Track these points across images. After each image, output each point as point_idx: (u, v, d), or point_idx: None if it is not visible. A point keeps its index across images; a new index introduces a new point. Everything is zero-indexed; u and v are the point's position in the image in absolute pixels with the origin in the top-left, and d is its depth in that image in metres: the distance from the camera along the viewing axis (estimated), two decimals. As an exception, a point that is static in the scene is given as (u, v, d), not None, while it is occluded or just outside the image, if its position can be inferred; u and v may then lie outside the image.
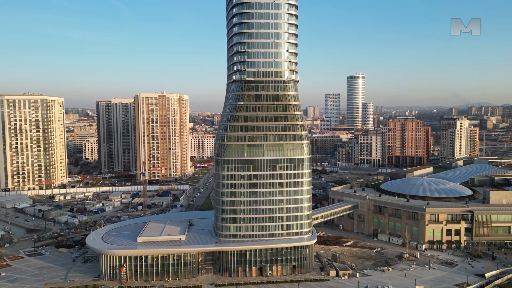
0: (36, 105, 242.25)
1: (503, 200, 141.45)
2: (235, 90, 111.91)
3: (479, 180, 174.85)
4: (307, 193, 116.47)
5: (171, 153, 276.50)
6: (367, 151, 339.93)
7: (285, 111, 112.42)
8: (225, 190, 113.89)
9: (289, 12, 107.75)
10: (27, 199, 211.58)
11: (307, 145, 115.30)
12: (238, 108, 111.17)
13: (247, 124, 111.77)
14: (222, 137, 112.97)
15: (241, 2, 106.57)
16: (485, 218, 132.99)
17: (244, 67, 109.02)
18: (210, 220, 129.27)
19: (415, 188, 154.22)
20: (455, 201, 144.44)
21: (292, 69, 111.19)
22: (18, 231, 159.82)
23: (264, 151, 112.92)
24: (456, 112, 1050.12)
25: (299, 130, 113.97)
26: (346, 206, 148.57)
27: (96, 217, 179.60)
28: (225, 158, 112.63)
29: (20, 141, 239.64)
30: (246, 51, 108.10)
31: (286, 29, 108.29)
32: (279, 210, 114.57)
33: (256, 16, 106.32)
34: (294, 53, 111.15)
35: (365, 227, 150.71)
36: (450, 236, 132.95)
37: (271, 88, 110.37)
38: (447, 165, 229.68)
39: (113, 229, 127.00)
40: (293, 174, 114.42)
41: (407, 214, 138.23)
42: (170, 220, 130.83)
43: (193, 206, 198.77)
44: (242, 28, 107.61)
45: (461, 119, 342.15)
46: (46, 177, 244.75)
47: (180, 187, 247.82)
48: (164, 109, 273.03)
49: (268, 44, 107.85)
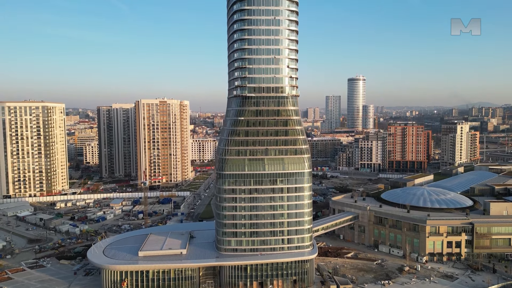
0: (37, 111, 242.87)
1: (504, 211, 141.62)
2: (236, 105, 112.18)
3: (479, 189, 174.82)
4: (308, 206, 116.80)
5: (172, 159, 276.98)
6: (368, 155, 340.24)
7: (286, 126, 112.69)
8: (226, 204, 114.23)
9: (289, 28, 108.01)
10: (28, 206, 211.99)
11: (308, 159, 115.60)
12: (239, 123, 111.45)
13: (248, 139, 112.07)
14: (223, 152, 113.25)
15: (242, 19, 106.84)
16: (486, 230, 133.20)
17: (245, 82, 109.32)
18: (211, 232, 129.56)
19: (415, 198, 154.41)
20: (456, 212, 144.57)
21: (292, 85, 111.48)
22: (20, 241, 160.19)
23: (265, 165, 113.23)
24: (457, 113, 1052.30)
25: (300, 144, 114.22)
26: (347, 217, 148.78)
27: (97, 226, 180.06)
28: (226, 172, 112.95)
29: (21, 147, 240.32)
30: (246, 67, 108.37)
31: (287, 45, 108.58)
32: (280, 224, 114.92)
33: (257, 32, 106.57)
34: (295, 68, 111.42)
35: (366, 238, 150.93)
36: (450, 248, 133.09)
37: (272, 103, 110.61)
38: (447, 172, 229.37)
39: (114, 242, 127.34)
40: (293, 188, 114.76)
41: (408, 225, 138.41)
42: (171, 233, 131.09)
43: (194, 214, 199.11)
44: (243, 44, 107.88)
45: (461, 123, 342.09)
46: (47, 184, 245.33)
47: (180, 193, 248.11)
48: (165, 115, 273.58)
49: (269, 60, 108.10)
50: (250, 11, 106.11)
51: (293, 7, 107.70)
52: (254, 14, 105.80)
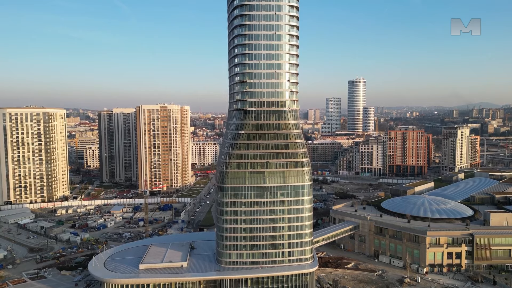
0: (38, 117, 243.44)
1: (504, 222, 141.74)
2: (237, 119, 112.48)
3: (479, 198, 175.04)
4: (308, 219, 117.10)
5: (172, 164, 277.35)
6: (368, 160, 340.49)
7: (286, 139, 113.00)
8: (227, 217, 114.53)
9: (290, 43, 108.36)
10: (29, 213, 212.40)
11: (308, 171, 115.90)
12: (240, 136, 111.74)
13: (249, 152, 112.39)
14: (223, 165, 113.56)
15: (243, 34, 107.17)
16: (486, 241, 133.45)
17: (246, 97, 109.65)
18: (211, 243, 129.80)
19: (416, 208, 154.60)
20: (456, 223, 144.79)
21: (293, 99, 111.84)
22: (21, 250, 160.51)
23: (266, 178, 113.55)
24: (457, 114, 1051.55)
25: (300, 157, 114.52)
26: (347, 227, 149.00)
27: (98, 234, 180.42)
28: (227, 185, 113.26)
29: (22, 154, 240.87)
30: (247, 81, 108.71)
31: (288, 59, 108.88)
32: (281, 237, 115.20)
33: (258, 47, 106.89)
34: (295, 82, 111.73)
35: (366, 248, 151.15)
36: (451, 259, 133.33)
37: (272, 117, 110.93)
38: (448, 179, 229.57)
39: (115, 253, 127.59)
40: (294, 201, 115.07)
41: (408, 236, 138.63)
42: (171, 244, 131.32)
43: (194, 222, 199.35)
44: (243, 58, 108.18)
45: (461, 127, 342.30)
46: (48, 190, 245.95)
47: (181, 199, 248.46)
48: (166, 120, 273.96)
49: (270, 74, 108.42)
50: (251, 26, 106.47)
51: (293, 22, 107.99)
52: (255, 29, 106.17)
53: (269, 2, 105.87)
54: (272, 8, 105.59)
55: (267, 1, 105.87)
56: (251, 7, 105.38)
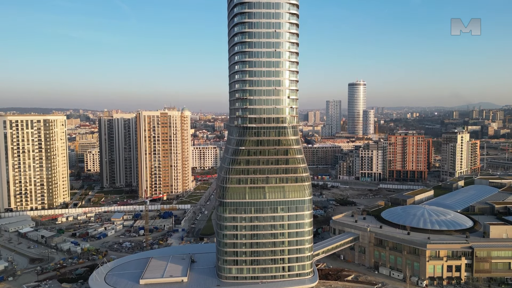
0: (38, 125, 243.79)
1: (503, 234, 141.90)
2: (237, 134, 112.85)
3: (479, 208, 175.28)
4: (308, 234, 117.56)
5: (173, 170, 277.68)
6: (368, 165, 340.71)
7: (286, 155, 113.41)
8: (227, 232, 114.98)
9: (290, 60, 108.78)
10: (30, 221, 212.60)
11: (308, 186, 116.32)
12: (240, 152, 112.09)
13: (249, 168, 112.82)
14: (224, 180, 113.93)
15: (243, 51, 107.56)
16: (485, 253, 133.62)
17: (246, 113, 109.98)
18: (212, 256, 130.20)
19: (416, 219, 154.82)
20: (456, 235, 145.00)
21: (293, 115, 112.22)
22: (22, 261, 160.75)
23: (266, 193, 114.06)
24: (457, 115, 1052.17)
25: (301, 172, 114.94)
26: (347, 239, 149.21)
27: (98, 243, 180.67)
28: (227, 200, 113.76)
29: (23, 161, 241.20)
30: (247, 98, 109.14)
31: (288, 76, 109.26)
32: (281, 252, 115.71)
33: (258, 64, 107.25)
34: (295, 98, 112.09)
35: (366, 259, 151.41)
36: (450, 272, 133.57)
37: (272, 133, 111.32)
38: (447, 186, 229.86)
39: (116, 267, 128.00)
40: (294, 216, 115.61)
41: (408, 248, 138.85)
42: (172, 257, 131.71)
43: (195, 230, 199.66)
44: (243, 75, 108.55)
45: (461, 132, 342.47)
46: (49, 196, 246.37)
47: (181, 206, 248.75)
48: (166, 126, 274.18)
49: (270, 91, 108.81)
50: (251, 43, 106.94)
51: (293, 39, 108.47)
52: (255, 47, 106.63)
53: (269, 20, 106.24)
54: (272, 25, 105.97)
55: (267, 18, 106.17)
56: (251, 25, 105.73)
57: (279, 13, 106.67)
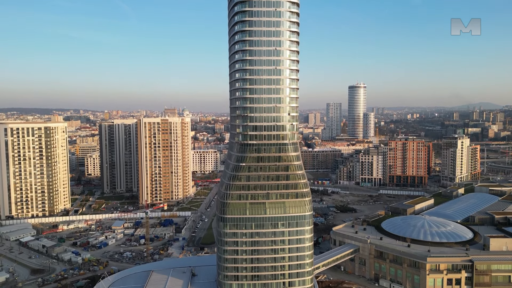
0: (39, 132, 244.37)
1: (503, 247, 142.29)
2: (237, 151, 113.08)
3: (479, 218, 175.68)
4: (309, 249, 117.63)
5: (173, 177, 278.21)
6: (369, 170, 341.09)
7: (287, 171, 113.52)
8: (228, 247, 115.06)
9: (291, 77, 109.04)
10: (31, 229, 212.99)
11: (309, 201, 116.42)
12: (240, 168, 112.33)
13: (249, 184, 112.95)
14: (224, 195, 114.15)
15: (244, 69, 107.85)
16: (485, 267, 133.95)
17: (247, 130, 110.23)
18: (212, 269, 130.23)
19: (416, 230, 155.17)
20: (456, 247, 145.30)
21: (293, 132, 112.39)
22: (23, 272, 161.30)
23: (266, 209, 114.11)
24: (458, 116, 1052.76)
25: (301, 188, 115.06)
26: (348, 251, 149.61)
27: (99, 253, 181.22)
28: (228, 216, 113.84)
29: (24, 168, 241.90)
30: (248, 115, 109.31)
31: (288, 93, 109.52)
32: (281, 268, 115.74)
33: (258, 82, 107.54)
34: (295, 115, 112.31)
35: (366, 271, 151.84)
36: (450, 285, 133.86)
37: (273, 150, 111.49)
38: (447, 194, 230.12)
39: (116, 281, 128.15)
40: (295, 231, 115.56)
41: (408, 261, 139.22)
42: (172, 270, 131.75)
43: (195, 239, 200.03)
44: (244, 93, 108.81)
45: (461, 138, 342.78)
46: (49, 203, 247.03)
47: (182, 213, 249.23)
48: (166, 133, 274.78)
49: (271, 108, 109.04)
50: (252, 61, 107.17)
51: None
52: (256, 64, 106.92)
53: (269, 38, 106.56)
54: (272, 43, 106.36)
55: (267, 36, 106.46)
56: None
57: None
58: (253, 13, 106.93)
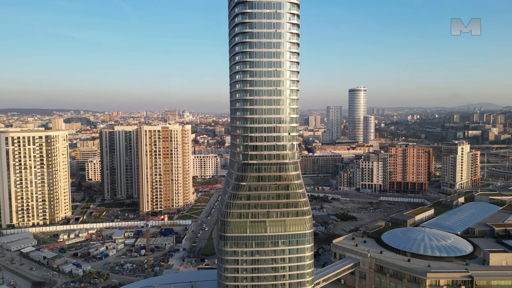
0: (40, 141, 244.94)
1: (503, 262, 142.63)
2: (238, 170, 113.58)
3: (479, 230, 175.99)
4: (309, 267, 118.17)
5: (174, 184, 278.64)
6: (369, 176, 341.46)
7: (287, 190, 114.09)
8: (228, 266, 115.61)
9: (291, 97, 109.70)
10: (32, 239, 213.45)
11: (309, 220, 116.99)
12: (241, 187, 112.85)
13: (250, 202, 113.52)
14: (225, 214, 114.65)
15: (245, 89, 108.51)
16: (485, 282, 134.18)
17: (247, 150, 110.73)
18: (213, 284, 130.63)
19: (416, 244, 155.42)
20: (456, 261, 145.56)
21: (293, 151, 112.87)
22: (24, 285, 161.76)
23: (267, 227, 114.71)
24: (458, 118, 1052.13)
25: (301, 207, 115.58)
26: (348, 266, 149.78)
27: (99, 264, 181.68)
28: (228, 234, 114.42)
29: (25, 177, 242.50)
30: (248, 135, 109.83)
31: (288, 113, 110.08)
32: (282, 286, 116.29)
33: (259, 102, 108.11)
34: (296, 135, 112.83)
35: (367, 285, 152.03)
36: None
37: (273, 169, 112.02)
38: (448, 203, 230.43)
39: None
40: (295, 250, 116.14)
41: (408, 276, 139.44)
42: (173, 286, 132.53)
43: (196, 250, 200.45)
44: (245, 113, 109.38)
45: (462, 144, 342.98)
46: (50, 212, 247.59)
47: (182, 221, 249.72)
48: (167, 141, 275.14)
49: (271, 128, 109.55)
50: (252, 82, 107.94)
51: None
52: (256, 85, 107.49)
53: (270, 59, 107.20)
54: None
55: (268, 57, 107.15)
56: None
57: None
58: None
